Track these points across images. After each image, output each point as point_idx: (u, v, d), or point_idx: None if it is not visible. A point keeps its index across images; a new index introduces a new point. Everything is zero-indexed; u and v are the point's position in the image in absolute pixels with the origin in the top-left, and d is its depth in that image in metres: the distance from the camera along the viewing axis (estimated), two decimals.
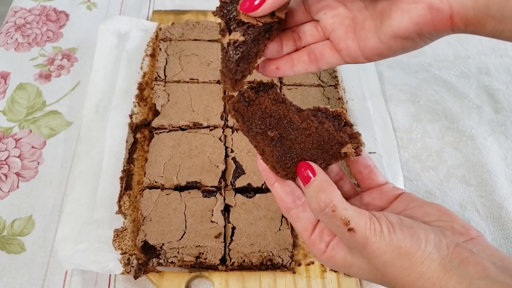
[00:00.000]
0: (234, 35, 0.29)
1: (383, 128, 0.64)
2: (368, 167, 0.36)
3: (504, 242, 0.55)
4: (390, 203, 0.34)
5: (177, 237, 0.50)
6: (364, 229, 0.28)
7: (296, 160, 0.33)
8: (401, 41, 0.29)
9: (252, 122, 0.34)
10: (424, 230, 0.28)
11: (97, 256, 0.48)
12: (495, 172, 0.61)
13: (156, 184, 0.54)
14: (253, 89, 0.35)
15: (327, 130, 0.33)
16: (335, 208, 0.29)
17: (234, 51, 0.29)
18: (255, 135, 0.34)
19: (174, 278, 0.49)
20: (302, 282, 0.49)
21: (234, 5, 0.30)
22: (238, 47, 0.29)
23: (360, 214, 0.29)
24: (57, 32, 0.75)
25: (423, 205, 0.32)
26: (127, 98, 0.64)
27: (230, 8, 0.30)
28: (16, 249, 0.52)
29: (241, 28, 0.29)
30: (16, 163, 0.59)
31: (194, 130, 0.60)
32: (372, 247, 0.28)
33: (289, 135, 0.33)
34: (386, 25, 0.29)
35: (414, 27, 0.28)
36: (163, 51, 0.68)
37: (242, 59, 0.30)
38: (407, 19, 0.28)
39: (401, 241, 0.27)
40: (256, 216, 0.52)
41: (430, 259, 0.27)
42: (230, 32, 0.30)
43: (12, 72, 0.68)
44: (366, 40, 0.31)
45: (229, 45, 0.29)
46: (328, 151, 0.33)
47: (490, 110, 0.68)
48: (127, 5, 0.80)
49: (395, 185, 0.35)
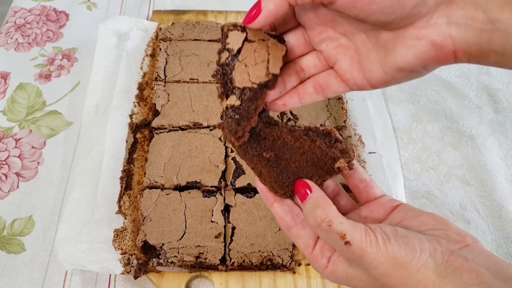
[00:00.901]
0: (231, 100, 0.31)
1: (383, 128, 0.64)
2: (364, 181, 0.37)
3: (504, 242, 0.55)
4: (387, 214, 0.34)
5: (177, 237, 0.50)
6: (360, 241, 0.29)
7: (293, 178, 0.34)
8: (406, 73, 0.30)
9: (248, 145, 0.35)
10: (418, 239, 0.29)
11: (97, 256, 0.48)
12: (495, 172, 0.61)
13: (156, 184, 0.54)
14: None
15: (320, 147, 0.34)
16: (331, 223, 0.30)
17: (232, 114, 0.31)
18: (251, 158, 0.35)
19: (174, 278, 0.49)
20: (302, 282, 0.49)
21: (229, 68, 0.31)
22: (236, 110, 0.31)
23: (355, 227, 0.30)
24: (57, 32, 0.75)
25: (419, 215, 0.33)
26: (127, 98, 0.64)
27: (227, 71, 0.31)
28: (16, 249, 0.52)
29: (237, 92, 0.31)
30: (16, 163, 0.59)
31: (194, 130, 0.60)
32: (368, 258, 0.29)
33: (284, 155, 0.35)
34: (391, 58, 0.29)
35: (418, 61, 0.28)
36: (163, 51, 0.68)
37: (241, 119, 0.31)
38: (411, 55, 0.28)
39: (396, 251, 0.28)
40: (256, 216, 0.52)
41: (426, 267, 0.28)
42: (227, 96, 0.31)
43: (12, 72, 0.68)
44: (372, 71, 0.31)
45: (227, 110, 0.31)
46: (322, 167, 0.34)
47: (490, 110, 0.68)
48: (127, 5, 0.80)
49: (391, 197, 0.36)
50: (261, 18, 0.29)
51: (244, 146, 0.35)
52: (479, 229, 0.56)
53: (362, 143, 0.62)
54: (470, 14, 0.26)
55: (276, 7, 0.29)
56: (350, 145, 0.61)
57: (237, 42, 0.31)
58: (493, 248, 0.55)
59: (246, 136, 0.33)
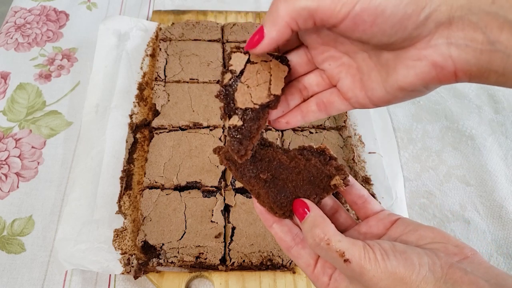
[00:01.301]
0: (233, 120, 0.31)
1: (383, 128, 0.64)
2: (361, 197, 0.37)
3: (504, 242, 0.55)
4: (387, 229, 0.35)
5: (177, 237, 0.50)
6: (359, 258, 0.29)
7: (291, 198, 0.35)
8: (408, 92, 0.30)
9: (244, 168, 0.36)
10: (417, 253, 0.29)
11: (97, 256, 0.48)
12: (495, 172, 0.61)
13: (156, 184, 0.54)
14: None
15: (315, 166, 0.35)
16: (329, 241, 0.30)
17: (235, 134, 0.32)
18: (248, 180, 0.36)
19: (174, 278, 0.49)
20: (302, 282, 0.49)
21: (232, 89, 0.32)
22: (238, 130, 0.32)
23: (354, 244, 0.30)
24: (57, 32, 0.75)
25: (418, 229, 0.33)
26: (127, 98, 0.64)
27: (229, 92, 0.32)
28: (16, 249, 0.52)
29: (239, 112, 0.32)
30: (16, 163, 0.59)
31: (194, 130, 0.60)
32: (368, 275, 0.29)
33: (280, 175, 0.35)
34: (392, 78, 0.30)
35: (420, 82, 0.29)
36: (163, 51, 0.68)
37: (243, 139, 0.32)
38: (413, 75, 0.29)
39: (395, 266, 0.28)
40: (256, 216, 0.52)
41: (426, 282, 0.28)
42: (229, 116, 0.32)
43: (12, 72, 0.68)
44: (373, 90, 0.32)
45: (229, 129, 0.32)
46: (319, 185, 0.35)
47: (490, 110, 0.68)
48: (127, 5, 0.80)
49: (390, 212, 0.36)
50: (264, 44, 0.29)
51: (241, 168, 0.36)
52: (479, 229, 0.56)
53: (362, 143, 0.62)
54: (469, 35, 0.26)
55: (279, 33, 0.29)
56: (350, 145, 0.61)
57: (240, 63, 0.32)
58: (493, 248, 0.55)
59: (248, 154, 0.33)
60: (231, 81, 0.32)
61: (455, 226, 0.56)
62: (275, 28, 0.29)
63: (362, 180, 0.58)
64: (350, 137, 0.62)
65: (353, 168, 0.58)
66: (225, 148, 0.37)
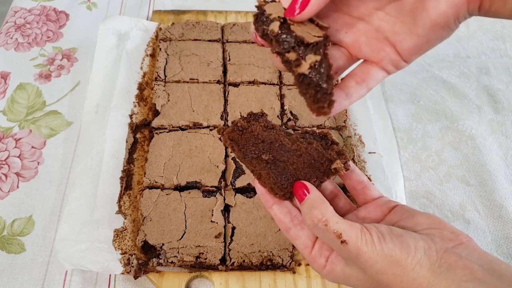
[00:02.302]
0: (310, 58, 0.28)
1: (383, 128, 0.64)
2: (361, 183, 0.37)
3: (504, 242, 0.55)
4: (385, 215, 0.35)
5: (177, 237, 0.50)
6: (356, 240, 0.30)
7: (291, 180, 0.35)
8: (440, 30, 0.29)
9: (247, 148, 0.36)
10: (413, 238, 0.30)
11: (97, 256, 0.48)
12: (495, 172, 0.61)
13: (156, 184, 0.54)
14: (245, 119, 0.37)
15: (316, 149, 0.35)
16: (327, 222, 0.31)
17: (318, 73, 0.28)
18: (250, 160, 0.36)
19: (174, 278, 0.49)
20: (302, 282, 0.49)
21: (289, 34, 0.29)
22: (319, 67, 0.28)
23: (351, 226, 0.31)
24: (57, 32, 0.75)
25: (414, 215, 0.33)
26: (127, 98, 0.64)
27: (287, 38, 0.29)
28: (16, 249, 0.52)
29: (309, 50, 0.29)
30: (16, 163, 0.59)
31: (194, 130, 0.60)
32: (364, 257, 0.29)
33: (282, 157, 0.36)
34: (423, 17, 0.29)
35: (452, 10, 0.28)
36: (163, 51, 0.68)
37: (327, 77, 0.29)
38: (445, 4, 0.28)
39: (391, 249, 0.29)
40: (256, 216, 0.52)
41: (420, 265, 0.28)
42: (304, 59, 0.29)
43: (12, 72, 0.68)
44: (403, 41, 0.31)
45: (311, 69, 0.28)
46: (320, 169, 0.35)
47: (490, 110, 0.68)
48: (127, 5, 0.80)
49: (389, 199, 0.37)
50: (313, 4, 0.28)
51: (244, 149, 0.36)
52: (479, 229, 0.56)
53: (362, 143, 0.62)
54: None
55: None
56: (350, 145, 0.61)
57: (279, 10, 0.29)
58: (493, 248, 0.55)
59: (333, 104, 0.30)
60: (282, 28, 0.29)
61: (455, 226, 0.55)
62: None
63: None
64: (350, 137, 0.62)
65: None
66: (229, 128, 0.37)
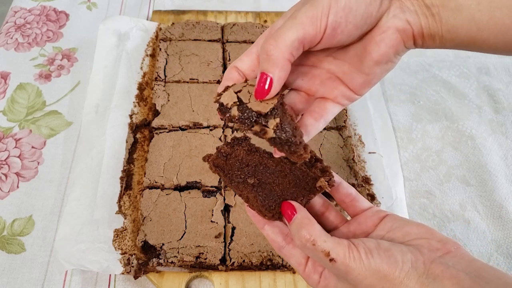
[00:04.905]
0: (271, 124, 0.32)
1: (383, 128, 0.64)
2: (349, 196, 0.38)
3: (504, 242, 0.55)
4: (375, 226, 0.35)
5: (177, 237, 0.50)
6: (344, 257, 0.30)
7: (279, 201, 0.36)
8: (383, 65, 0.34)
9: (232, 173, 0.37)
10: (401, 251, 0.30)
11: (97, 256, 0.48)
12: (495, 172, 0.61)
13: (156, 184, 0.54)
14: (229, 145, 0.38)
15: (300, 169, 0.36)
16: (315, 242, 0.31)
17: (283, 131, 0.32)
18: (237, 185, 0.37)
19: (174, 278, 0.49)
20: (302, 282, 0.49)
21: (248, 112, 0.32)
22: (282, 126, 0.32)
23: (339, 244, 0.31)
24: (57, 32, 0.75)
25: (404, 225, 0.34)
26: (127, 98, 0.64)
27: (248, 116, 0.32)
28: (16, 249, 0.52)
29: (269, 117, 0.32)
30: (16, 163, 0.59)
31: (194, 130, 0.60)
32: (353, 273, 0.30)
33: (267, 180, 0.37)
34: (367, 59, 0.33)
35: (391, 50, 0.33)
36: (163, 51, 0.68)
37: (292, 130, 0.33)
38: (384, 46, 0.33)
39: (379, 264, 0.29)
40: None
41: (408, 278, 0.29)
42: (267, 126, 0.32)
43: (12, 72, 0.68)
44: (353, 80, 0.35)
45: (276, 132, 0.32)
46: (305, 188, 0.36)
47: (490, 110, 0.68)
48: (127, 5, 0.80)
49: (379, 209, 0.37)
50: (276, 85, 0.31)
51: (229, 174, 0.37)
52: (479, 229, 0.56)
53: (362, 143, 0.62)
54: (414, 2, 0.32)
55: (284, 71, 0.31)
56: (350, 145, 0.61)
57: (232, 96, 0.33)
58: (493, 248, 0.55)
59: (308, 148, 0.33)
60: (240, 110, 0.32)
61: (455, 226, 0.56)
62: (279, 68, 0.31)
63: (362, 180, 0.58)
64: (350, 137, 0.62)
65: (353, 168, 0.58)
66: (213, 156, 0.38)
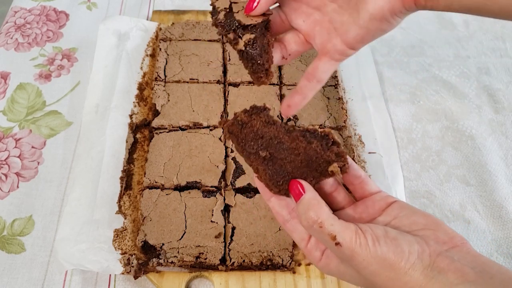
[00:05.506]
0: (246, 37, 0.33)
1: (383, 128, 0.64)
2: (358, 178, 0.37)
3: (504, 242, 0.55)
4: (382, 211, 0.35)
5: (177, 237, 0.50)
6: (350, 242, 0.30)
7: (287, 178, 0.35)
8: (378, 22, 0.34)
9: (246, 143, 0.36)
10: (408, 241, 0.30)
11: (97, 256, 0.48)
12: (495, 172, 0.61)
13: (156, 184, 0.54)
14: (247, 113, 0.37)
15: (315, 150, 0.35)
16: (322, 224, 0.31)
17: (252, 48, 0.34)
18: (248, 155, 0.37)
19: (174, 278, 0.49)
20: (302, 282, 0.49)
21: (231, 20, 0.34)
22: (254, 43, 0.33)
23: (346, 228, 0.31)
24: (57, 32, 0.75)
25: (412, 214, 0.34)
26: (127, 98, 0.64)
27: (229, 22, 0.34)
28: (16, 249, 0.52)
29: (247, 31, 0.34)
30: (16, 163, 0.59)
31: (194, 130, 0.60)
32: (358, 259, 0.30)
33: (279, 155, 0.36)
34: (364, 11, 0.34)
35: (388, 5, 0.33)
36: (163, 51, 0.68)
37: (261, 51, 0.34)
38: (381, 0, 0.33)
39: (385, 253, 0.29)
40: (256, 216, 0.52)
41: (413, 269, 0.29)
42: (240, 37, 0.34)
43: (12, 72, 0.68)
44: (348, 31, 0.35)
45: (246, 46, 0.34)
46: (317, 169, 0.35)
47: (490, 110, 0.68)
48: (127, 5, 0.80)
49: (388, 194, 0.37)
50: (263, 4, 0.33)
51: (243, 143, 0.36)
52: (479, 229, 0.56)
53: (362, 143, 0.62)
54: None
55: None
56: (350, 145, 0.61)
57: (225, 3, 0.35)
58: (493, 248, 0.55)
59: (272, 73, 0.35)
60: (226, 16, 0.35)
61: (455, 226, 0.56)
62: None
63: None
64: (350, 137, 0.62)
65: None
66: (229, 121, 0.37)
